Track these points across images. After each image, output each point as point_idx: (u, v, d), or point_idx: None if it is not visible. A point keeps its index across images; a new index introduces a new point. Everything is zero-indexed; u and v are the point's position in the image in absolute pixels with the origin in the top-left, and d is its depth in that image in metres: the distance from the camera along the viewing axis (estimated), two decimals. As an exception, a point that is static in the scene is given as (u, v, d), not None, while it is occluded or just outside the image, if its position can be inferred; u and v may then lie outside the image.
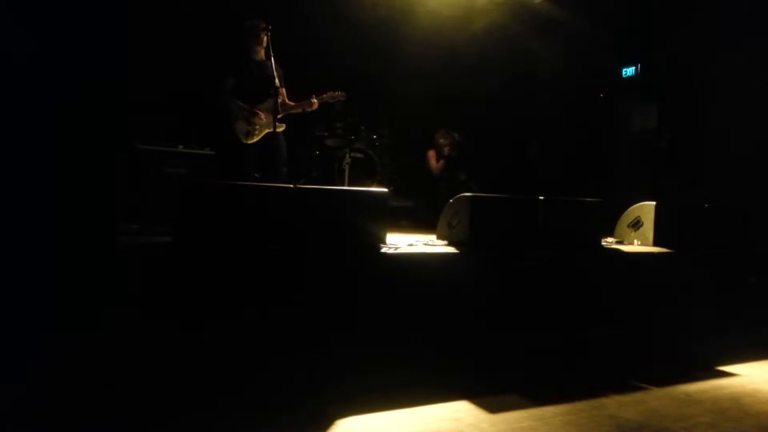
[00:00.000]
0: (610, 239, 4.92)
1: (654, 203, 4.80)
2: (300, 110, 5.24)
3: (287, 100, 5.21)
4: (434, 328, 3.47)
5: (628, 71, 8.01)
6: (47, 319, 2.72)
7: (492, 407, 2.79)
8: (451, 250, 3.82)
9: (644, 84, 7.85)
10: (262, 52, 5.09)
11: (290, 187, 3.39)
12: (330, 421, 2.53)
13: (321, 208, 3.44)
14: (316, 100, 5.22)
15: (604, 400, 2.97)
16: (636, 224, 4.87)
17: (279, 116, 4.88)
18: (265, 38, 4.93)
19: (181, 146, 4.84)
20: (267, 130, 5.03)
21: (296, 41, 5.80)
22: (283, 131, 5.14)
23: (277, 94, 4.85)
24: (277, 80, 4.82)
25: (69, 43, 3.23)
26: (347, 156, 6.61)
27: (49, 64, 3.18)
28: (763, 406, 3.02)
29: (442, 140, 7.22)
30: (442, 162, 7.22)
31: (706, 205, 4.95)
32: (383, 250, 3.51)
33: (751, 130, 6.42)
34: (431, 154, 7.29)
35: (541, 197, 4.17)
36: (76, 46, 3.25)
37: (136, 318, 2.84)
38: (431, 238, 4.29)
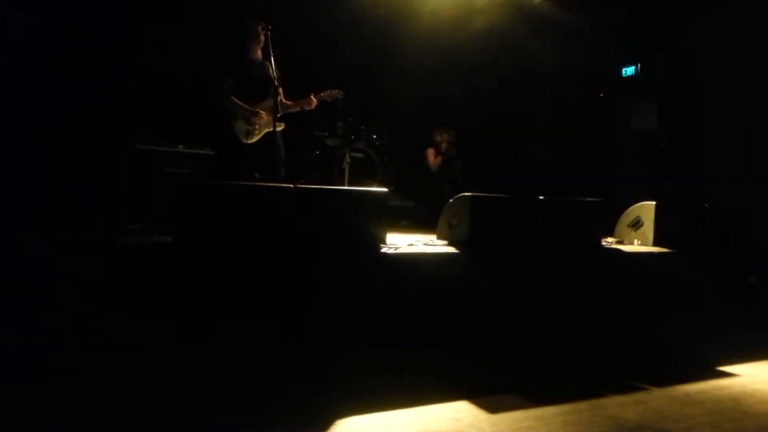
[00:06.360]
0: (610, 239, 4.92)
1: (654, 203, 4.80)
2: (299, 109, 5.25)
3: (285, 100, 5.21)
4: (434, 328, 3.47)
5: (628, 71, 8.00)
6: (48, 319, 2.72)
7: (492, 407, 2.79)
8: (451, 250, 3.82)
9: (644, 84, 7.84)
10: (261, 52, 5.09)
11: (290, 187, 3.39)
12: (330, 421, 2.53)
13: (321, 208, 3.44)
14: (314, 99, 5.23)
15: (604, 401, 2.97)
16: (636, 224, 4.87)
17: (278, 115, 4.88)
18: (265, 38, 4.93)
19: (181, 146, 4.83)
20: (267, 130, 5.03)
21: (296, 41, 5.79)
22: (282, 131, 5.14)
23: (276, 93, 4.85)
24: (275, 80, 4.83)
25: (71, 43, 3.24)
26: (347, 156, 6.61)
27: (51, 64, 3.19)
28: (764, 406, 3.02)
29: (438, 137, 7.28)
30: (439, 158, 7.25)
31: (706, 205, 4.95)
32: (383, 250, 3.51)
33: (752, 130, 6.42)
34: (429, 152, 7.34)
35: (541, 197, 4.17)
36: (78, 46, 3.26)
37: (136, 318, 2.84)
38: (431, 238, 4.28)
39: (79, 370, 2.69)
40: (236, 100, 5.01)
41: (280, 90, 5.08)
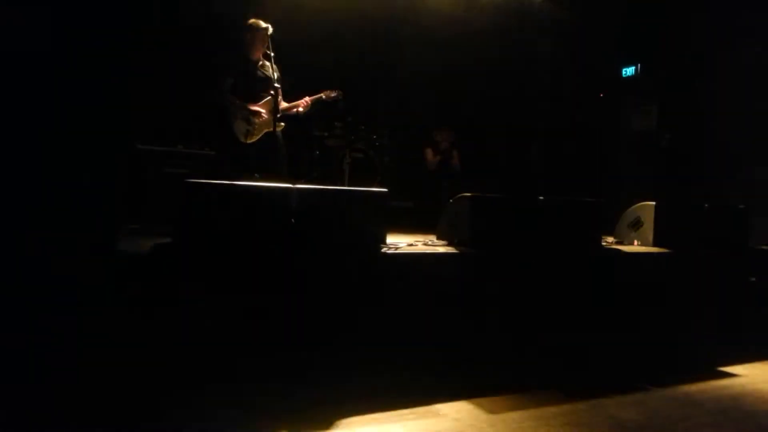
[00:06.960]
0: (610, 239, 4.92)
1: (654, 203, 4.79)
2: (294, 111, 5.25)
3: (282, 101, 5.21)
4: (434, 328, 3.47)
5: (628, 71, 8.01)
6: (48, 319, 2.72)
7: (492, 407, 2.79)
8: (451, 250, 3.82)
9: (644, 84, 7.84)
10: (261, 52, 5.09)
11: (290, 187, 3.39)
12: (330, 421, 2.53)
13: (321, 208, 3.44)
14: (308, 100, 5.23)
15: (604, 401, 2.97)
16: (636, 224, 4.87)
17: (278, 116, 4.88)
18: (265, 38, 4.93)
19: (181, 146, 4.83)
20: (266, 130, 5.02)
21: (296, 41, 5.79)
22: (282, 130, 5.14)
23: (276, 93, 4.84)
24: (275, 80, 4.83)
25: (71, 43, 3.23)
26: (347, 156, 6.61)
27: (51, 64, 3.18)
28: (764, 406, 3.02)
29: (438, 137, 7.28)
30: (438, 157, 7.26)
31: (706, 205, 4.95)
32: (383, 250, 3.51)
33: (751, 130, 6.42)
34: (428, 151, 7.34)
35: (541, 197, 4.17)
36: (78, 46, 3.25)
37: (136, 318, 2.84)
38: (431, 238, 4.28)
39: (79, 370, 2.69)
40: (236, 100, 5.01)
41: (280, 90, 5.08)
